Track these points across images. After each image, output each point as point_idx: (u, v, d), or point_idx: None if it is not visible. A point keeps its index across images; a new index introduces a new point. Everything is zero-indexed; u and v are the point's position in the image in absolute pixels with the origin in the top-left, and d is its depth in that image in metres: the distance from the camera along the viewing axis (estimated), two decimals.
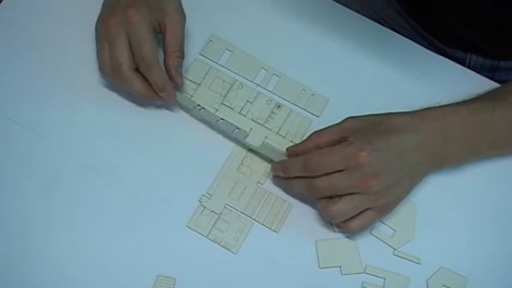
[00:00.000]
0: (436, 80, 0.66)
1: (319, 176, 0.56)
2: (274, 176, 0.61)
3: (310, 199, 0.61)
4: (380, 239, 0.60)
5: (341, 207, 0.56)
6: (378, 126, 0.57)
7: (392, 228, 0.61)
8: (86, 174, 0.61)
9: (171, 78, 0.61)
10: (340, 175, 0.55)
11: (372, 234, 0.61)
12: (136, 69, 0.60)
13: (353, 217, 0.57)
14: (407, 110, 0.62)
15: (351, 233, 0.59)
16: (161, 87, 0.60)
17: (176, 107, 0.64)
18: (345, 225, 0.58)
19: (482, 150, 0.61)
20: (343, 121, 0.59)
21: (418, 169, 0.59)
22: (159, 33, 0.61)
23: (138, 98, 0.63)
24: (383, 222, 0.61)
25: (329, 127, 0.60)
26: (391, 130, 0.57)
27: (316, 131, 0.60)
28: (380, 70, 0.66)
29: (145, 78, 0.60)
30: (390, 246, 0.60)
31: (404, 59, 0.67)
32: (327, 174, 0.56)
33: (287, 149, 0.61)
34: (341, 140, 0.58)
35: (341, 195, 0.56)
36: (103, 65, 0.60)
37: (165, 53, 0.61)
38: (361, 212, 0.57)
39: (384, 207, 0.58)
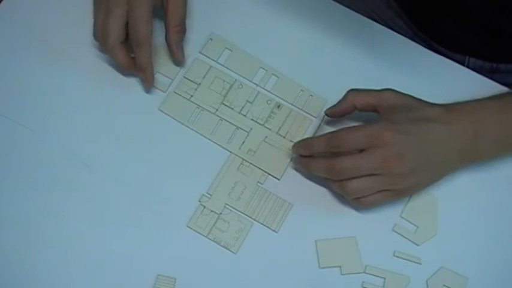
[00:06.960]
0: (436, 80, 0.66)
1: (341, 157, 0.56)
2: (295, 156, 0.61)
3: (311, 198, 0.61)
4: (403, 236, 0.60)
5: (359, 185, 0.56)
6: (411, 111, 0.57)
7: (414, 225, 0.61)
8: (86, 174, 0.61)
9: (172, 53, 0.63)
10: (363, 155, 0.55)
11: (395, 231, 0.60)
12: (124, 41, 0.60)
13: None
14: None
15: (359, 207, 0.59)
16: (143, 68, 0.61)
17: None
18: (357, 200, 0.58)
19: None
20: (383, 90, 0.59)
21: (445, 162, 0.59)
22: (161, 7, 0.62)
23: (138, 98, 0.64)
24: (405, 219, 0.61)
25: (368, 90, 0.60)
26: (421, 118, 0.57)
27: (352, 90, 0.60)
28: (379, 71, 0.66)
29: (129, 52, 0.61)
30: (414, 242, 0.60)
31: (404, 59, 0.67)
32: (350, 154, 0.55)
33: (325, 111, 0.62)
34: (374, 108, 0.58)
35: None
36: (95, 27, 0.61)
37: (166, 28, 0.62)
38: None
39: (401, 192, 0.58)
